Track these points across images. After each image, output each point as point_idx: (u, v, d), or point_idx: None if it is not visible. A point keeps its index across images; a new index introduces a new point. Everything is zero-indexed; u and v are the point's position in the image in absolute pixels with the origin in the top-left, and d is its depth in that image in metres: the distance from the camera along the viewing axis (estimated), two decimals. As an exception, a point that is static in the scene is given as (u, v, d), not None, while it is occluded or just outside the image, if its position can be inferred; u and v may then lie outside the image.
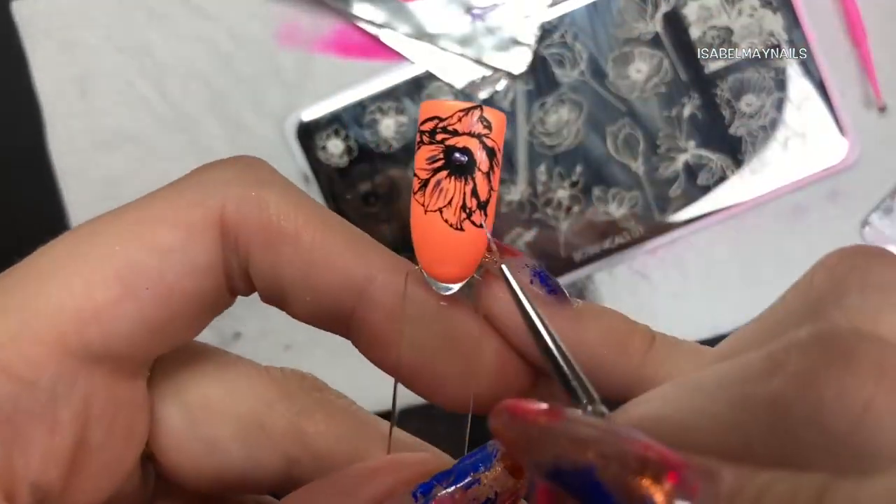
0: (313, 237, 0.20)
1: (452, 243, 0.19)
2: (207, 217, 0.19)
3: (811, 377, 0.13)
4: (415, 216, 0.20)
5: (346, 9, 0.44)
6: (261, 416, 0.21)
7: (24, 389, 0.18)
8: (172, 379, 0.21)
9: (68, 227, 0.45)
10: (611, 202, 0.43)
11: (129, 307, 0.19)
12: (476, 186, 0.19)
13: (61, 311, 0.18)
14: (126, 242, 0.19)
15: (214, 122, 0.45)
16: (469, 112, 0.19)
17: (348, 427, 0.22)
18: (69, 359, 0.18)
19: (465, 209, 0.19)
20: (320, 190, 0.44)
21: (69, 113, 0.45)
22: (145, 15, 0.45)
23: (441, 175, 0.19)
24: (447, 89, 0.43)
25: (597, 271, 0.44)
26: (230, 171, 0.20)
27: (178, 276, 0.19)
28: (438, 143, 0.19)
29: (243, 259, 0.20)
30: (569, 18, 0.43)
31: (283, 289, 0.20)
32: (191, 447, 0.21)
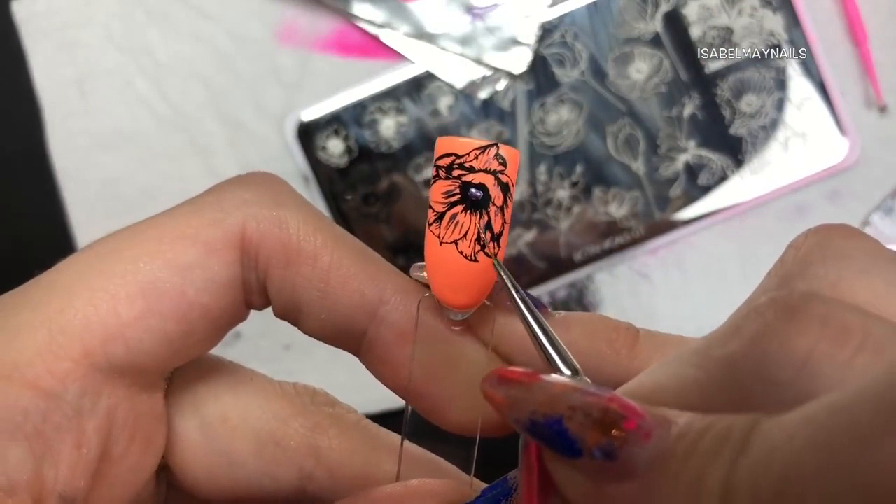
0: (331, 258, 0.20)
1: (466, 273, 0.20)
2: (228, 235, 0.20)
3: (760, 334, 0.15)
4: (430, 246, 0.20)
5: (345, 8, 0.44)
6: (277, 432, 0.22)
7: (53, 403, 0.19)
8: (190, 394, 0.22)
9: (68, 226, 0.45)
10: (611, 202, 0.43)
11: (151, 323, 0.19)
12: (490, 220, 0.20)
13: (87, 328, 0.19)
14: (149, 260, 0.19)
15: (214, 122, 0.45)
16: (485, 150, 0.19)
17: (360, 441, 0.22)
18: (94, 373, 0.19)
19: (480, 241, 0.20)
20: (320, 190, 0.44)
21: (69, 113, 0.45)
22: (145, 15, 0.45)
23: (457, 209, 0.20)
24: (447, 89, 0.43)
25: (597, 271, 0.44)
26: (250, 189, 0.21)
27: (199, 293, 0.20)
28: (455, 179, 0.19)
29: (261, 276, 0.21)
30: (569, 18, 0.43)
31: (299, 306, 0.21)
32: (208, 461, 0.22)
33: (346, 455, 0.22)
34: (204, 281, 0.20)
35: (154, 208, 0.48)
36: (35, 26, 0.45)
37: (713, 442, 0.13)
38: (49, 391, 0.18)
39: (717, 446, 0.13)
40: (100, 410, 0.19)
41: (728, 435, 0.13)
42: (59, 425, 0.19)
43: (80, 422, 0.19)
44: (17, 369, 0.18)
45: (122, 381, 0.20)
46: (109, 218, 0.45)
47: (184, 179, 0.45)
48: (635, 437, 0.14)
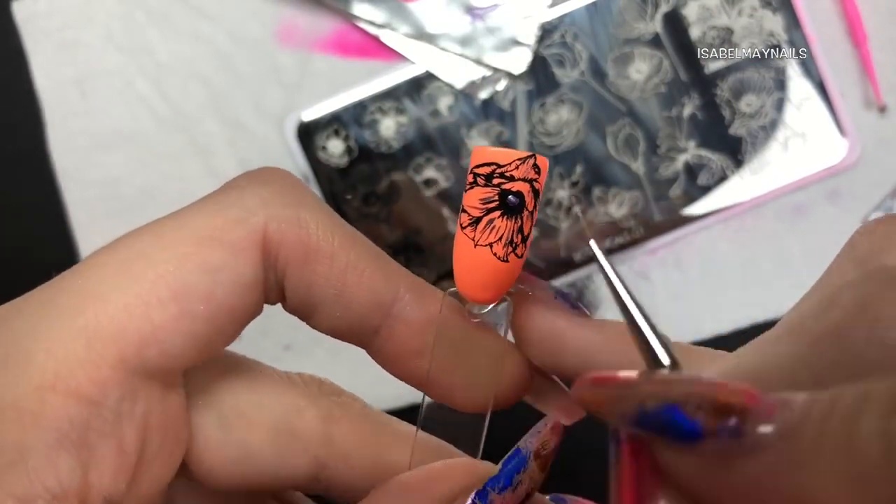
0: (348, 257, 0.21)
1: (497, 272, 0.21)
2: (252, 235, 0.21)
3: (866, 302, 0.15)
4: (462, 248, 0.22)
5: (345, 9, 0.44)
6: (292, 422, 0.23)
7: (95, 410, 0.19)
8: (206, 389, 0.23)
9: (68, 226, 0.45)
10: (611, 202, 0.43)
11: (182, 326, 0.20)
12: (522, 224, 0.21)
13: (123, 334, 0.19)
14: (179, 263, 0.20)
15: (214, 122, 0.45)
16: (525, 161, 0.21)
17: (369, 429, 0.23)
18: (130, 378, 0.20)
19: (512, 244, 0.21)
20: (320, 190, 0.44)
21: (69, 113, 0.45)
22: (145, 15, 0.45)
23: (494, 215, 0.21)
24: (447, 89, 0.43)
25: (597, 271, 0.44)
26: (269, 188, 0.21)
27: (227, 294, 0.20)
28: (494, 187, 0.21)
29: (280, 274, 0.21)
30: (569, 18, 0.43)
31: (314, 303, 0.22)
32: (225, 453, 0.22)
33: (357, 442, 0.23)
34: (231, 282, 0.20)
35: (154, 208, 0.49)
36: (35, 26, 0.45)
37: (855, 402, 0.13)
38: (91, 399, 0.19)
39: (860, 404, 0.13)
40: (137, 413, 0.20)
41: (869, 395, 0.13)
42: (102, 431, 0.19)
43: (120, 426, 0.20)
44: (59, 379, 0.19)
45: (154, 382, 0.20)
46: (110, 218, 0.45)
47: (184, 179, 0.45)
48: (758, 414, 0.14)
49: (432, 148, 0.43)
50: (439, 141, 0.43)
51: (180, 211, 0.21)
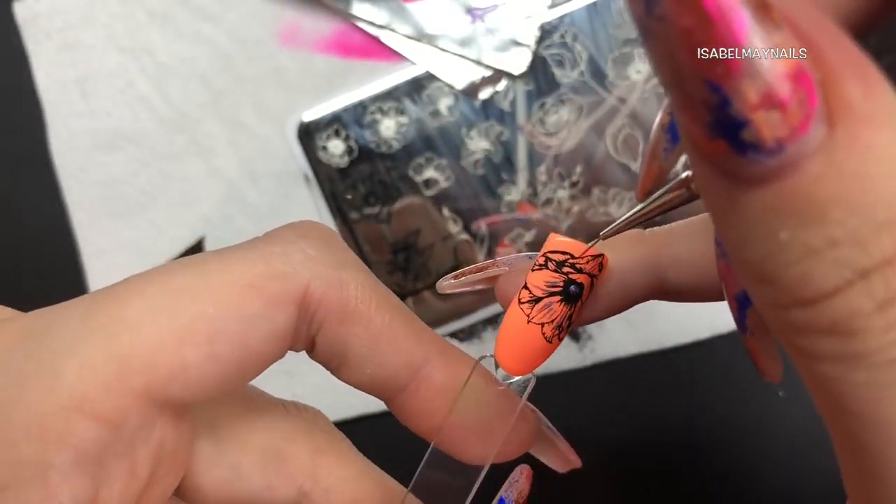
0: (383, 320, 0.22)
1: (539, 350, 0.23)
2: (293, 291, 0.21)
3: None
4: (515, 321, 0.23)
5: (346, 9, 0.44)
6: (282, 450, 0.24)
7: (115, 434, 0.20)
8: (208, 411, 0.23)
9: (70, 226, 0.45)
10: (611, 202, 0.43)
11: (212, 367, 0.20)
12: (573, 312, 0.23)
13: (154, 367, 0.20)
14: (218, 307, 0.20)
15: (215, 123, 0.45)
16: (595, 258, 0.23)
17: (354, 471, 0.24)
18: (152, 407, 0.20)
19: (560, 328, 0.23)
20: (321, 190, 0.44)
21: (70, 113, 0.45)
22: (146, 15, 0.45)
23: (554, 299, 0.23)
24: (447, 90, 0.44)
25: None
26: (314, 245, 0.22)
27: (259, 343, 0.21)
28: (563, 275, 0.23)
29: (314, 329, 0.22)
30: (568, 19, 0.43)
31: (345, 359, 0.23)
32: (217, 473, 0.23)
33: (340, 481, 0.24)
34: (265, 331, 0.21)
35: (155, 208, 0.49)
36: (37, 27, 0.45)
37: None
38: (113, 423, 0.19)
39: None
40: (153, 440, 0.21)
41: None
42: (118, 453, 0.20)
43: (134, 450, 0.20)
44: (87, 402, 0.19)
45: (170, 411, 0.21)
46: (111, 218, 0.45)
47: (185, 180, 0.45)
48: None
49: (432, 148, 0.44)
50: (439, 141, 0.44)
51: (226, 252, 0.22)
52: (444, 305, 0.44)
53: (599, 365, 0.44)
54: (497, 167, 0.43)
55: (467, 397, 0.23)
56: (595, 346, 0.44)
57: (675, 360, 0.44)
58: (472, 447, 0.24)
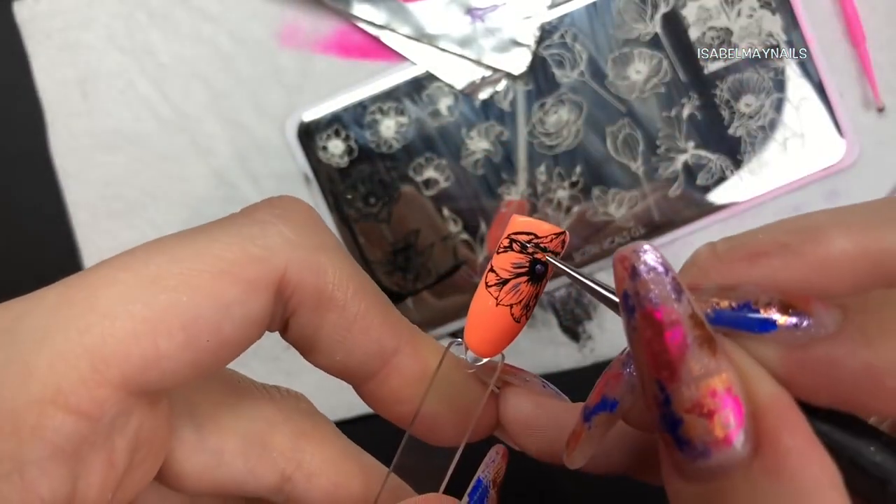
0: (358, 308, 0.22)
1: (507, 331, 0.23)
2: (269, 276, 0.21)
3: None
4: (482, 304, 0.23)
5: (346, 10, 0.44)
6: (264, 435, 0.24)
7: (91, 426, 0.19)
8: (188, 397, 0.23)
9: (70, 226, 0.45)
10: (611, 202, 0.43)
11: (187, 355, 0.20)
12: (539, 291, 0.23)
13: (128, 358, 0.19)
14: (192, 294, 0.20)
15: (215, 123, 0.45)
16: (559, 236, 0.23)
17: (336, 453, 0.24)
18: (128, 397, 0.20)
19: (527, 307, 0.23)
20: (321, 190, 0.44)
21: (70, 113, 0.45)
22: (146, 16, 0.45)
23: (521, 280, 0.23)
24: (447, 90, 0.44)
25: (597, 271, 0.44)
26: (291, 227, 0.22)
27: (234, 329, 0.21)
28: (528, 255, 0.23)
29: (289, 312, 0.22)
30: (568, 19, 0.43)
31: (317, 344, 0.22)
32: (199, 458, 0.23)
33: (322, 463, 0.24)
34: (241, 317, 0.21)
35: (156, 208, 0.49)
36: (37, 27, 0.45)
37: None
38: (89, 415, 0.19)
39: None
40: (130, 429, 0.20)
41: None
42: (95, 444, 0.20)
43: (112, 441, 0.20)
44: (60, 395, 0.19)
45: (146, 400, 0.21)
46: (111, 218, 0.45)
47: (185, 180, 0.45)
48: (819, 309, 0.17)
49: (432, 148, 0.44)
50: (439, 141, 0.44)
51: (198, 232, 0.21)
52: (444, 305, 0.44)
53: (599, 365, 0.44)
54: (497, 167, 0.43)
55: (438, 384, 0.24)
56: (595, 346, 0.44)
57: (675, 360, 0.44)
58: (445, 432, 0.24)
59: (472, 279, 0.43)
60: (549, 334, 0.44)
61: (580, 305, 0.44)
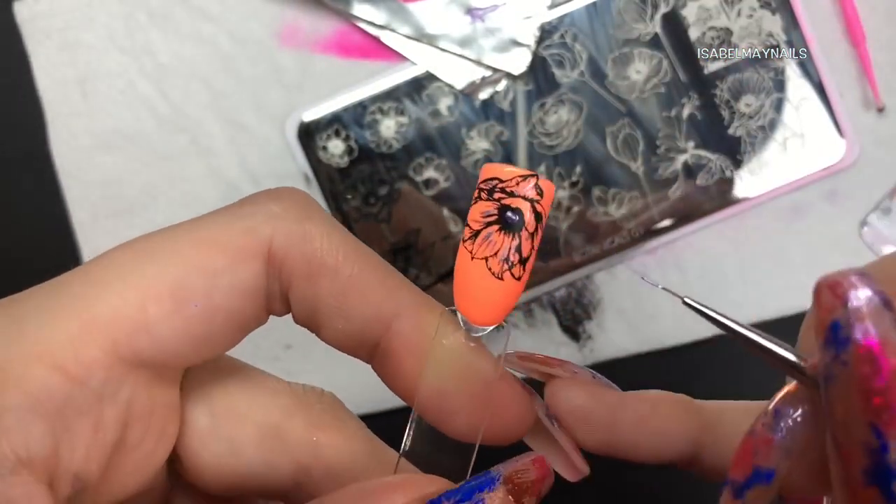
0: (351, 271, 0.22)
1: (491, 290, 0.21)
2: (256, 245, 0.21)
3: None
4: (461, 261, 0.22)
5: (346, 10, 0.44)
6: (279, 424, 0.23)
7: (76, 388, 0.20)
8: (202, 385, 0.23)
9: (70, 226, 0.45)
10: (611, 202, 0.43)
11: (177, 322, 0.20)
12: (521, 243, 0.21)
13: (116, 321, 0.20)
14: (181, 262, 0.21)
15: (215, 123, 0.45)
16: (526, 178, 0.21)
17: (358, 446, 0.24)
18: (118, 364, 0.20)
19: (508, 261, 0.21)
20: (321, 190, 0.44)
21: (70, 113, 0.45)
22: (147, 16, 0.45)
23: (492, 229, 0.21)
24: (447, 90, 0.44)
25: (597, 271, 0.44)
26: (279, 203, 0.22)
27: (224, 297, 0.21)
28: (495, 201, 0.21)
29: (284, 285, 0.22)
30: (568, 19, 0.43)
31: (318, 315, 0.22)
32: (214, 449, 0.23)
33: (343, 456, 0.23)
34: (230, 287, 0.21)
35: (156, 208, 0.49)
36: (37, 27, 0.45)
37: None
38: (75, 376, 0.19)
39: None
40: (120, 399, 0.20)
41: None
42: (81, 409, 0.20)
43: (100, 408, 0.20)
44: (47, 352, 0.19)
45: (143, 373, 0.21)
46: (111, 218, 0.45)
47: (185, 180, 0.45)
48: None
49: (432, 148, 0.44)
50: (439, 141, 0.44)
51: (195, 219, 0.22)
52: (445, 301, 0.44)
53: (599, 365, 0.44)
54: (497, 167, 0.43)
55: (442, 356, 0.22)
56: (595, 346, 0.44)
57: (675, 360, 0.44)
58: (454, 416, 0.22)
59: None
60: (549, 334, 0.44)
61: (580, 305, 0.44)
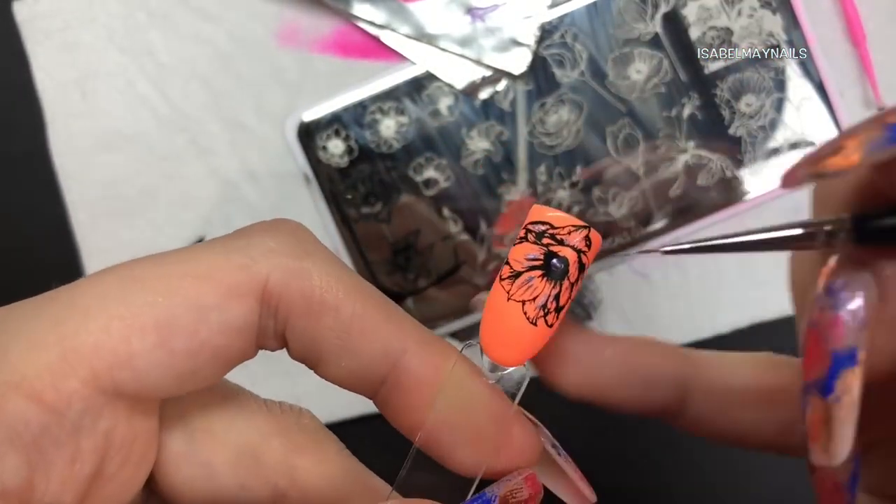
0: (353, 309, 0.21)
1: (522, 334, 0.21)
2: (251, 282, 0.20)
3: None
4: (495, 299, 0.21)
5: (346, 9, 0.44)
6: (256, 448, 0.23)
7: (54, 418, 0.19)
8: (180, 407, 0.23)
9: (69, 227, 0.45)
10: (611, 202, 0.43)
11: (161, 356, 0.20)
12: (560, 292, 0.21)
13: (98, 352, 0.19)
14: (169, 295, 0.20)
15: (215, 123, 0.45)
16: (579, 229, 0.21)
17: (336, 470, 0.23)
18: (98, 395, 0.19)
19: (545, 308, 0.21)
20: (320, 190, 0.44)
21: (70, 113, 0.45)
22: (146, 16, 0.45)
23: (535, 273, 0.21)
24: (447, 90, 0.44)
25: (597, 271, 0.44)
26: (277, 238, 0.21)
27: (212, 334, 0.20)
28: (543, 246, 0.21)
29: (280, 323, 0.21)
30: (569, 19, 0.43)
31: (319, 353, 0.22)
32: (189, 471, 0.22)
33: (321, 481, 0.23)
34: (219, 323, 0.20)
35: (155, 209, 0.49)
36: (36, 27, 0.45)
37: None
38: (52, 406, 0.19)
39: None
40: (98, 430, 0.20)
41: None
42: (57, 440, 0.19)
43: (77, 439, 0.20)
44: (25, 380, 0.19)
45: (123, 404, 0.20)
46: (111, 218, 0.45)
47: (185, 180, 0.45)
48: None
49: (432, 148, 0.44)
50: (439, 141, 0.44)
51: (187, 248, 0.21)
52: (445, 303, 0.44)
53: (599, 365, 0.44)
54: (497, 167, 0.43)
55: (451, 392, 0.22)
56: (595, 346, 0.44)
57: (676, 360, 0.44)
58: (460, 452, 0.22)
59: (472, 279, 0.43)
60: (550, 334, 0.44)
61: (580, 305, 0.44)
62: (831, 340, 0.17)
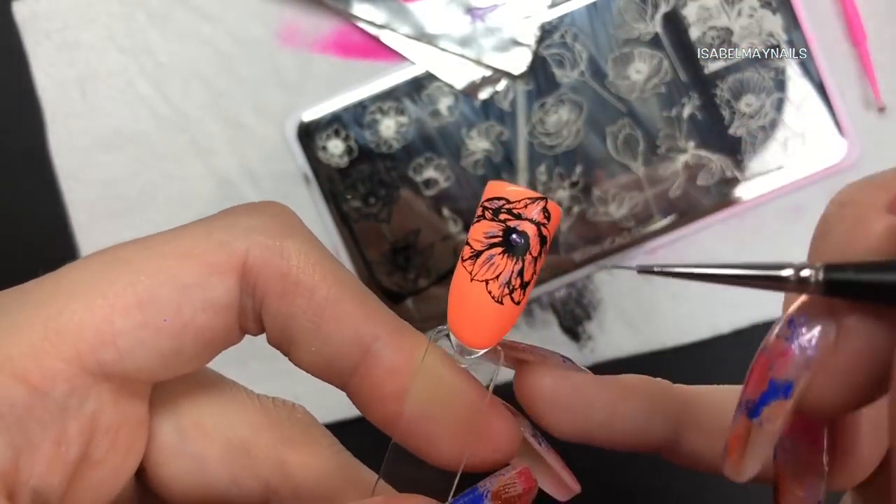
0: (328, 292, 0.21)
1: (489, 314, 0.20)
2: (230, 260, 0.20)
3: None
4: (459, 281, 0.21)
5: (346, 9, 0.44)
6: (247, 442, 0.23)
7: (39, 399, 0.19)
8: (170, 398, 0.23)
9: (69, 227, 0.45)
10: (611, 202, 0.43)
11: (145, 335, 0.20)
12: (524, 267, 0.20)
13: (81, 331, 0.19)
14: (151, 274, 0.20)
15: (215, 123, 0.45)
16: (535, 201, 0.20)
17: (330, 465, 0.23)
18: (83, 375, 0.19)
19: (509, 286, 0.20)
20: (320, 190, 0.44)
21: (70, 113, 0.45)
22: (146, 16, 0.45)
23: (495, 251, 0.20)
24: (447, 90, 0.44)
25: (596, 271, 0.44)
26: (259, 218, 0.21)
27: (195, 312, 0.20)
28: (500, 222, 0.20)
29: (258, 303, 0.21)
30: (569, 19, 0.43)
31: (292, 336, 0.21)
32: (180, 464, 0.22)
33: (312, 476, 0.23)
34: (201, 301, 0.20)
35: (155, 208, 0.49)
36: (36, 27, 0.45)
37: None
38: (37, 387, 0.19)
39: None
40: (84, 412, 0.20)
41: None
42: (42, 421, 0.19)
43: (63, 421, 0.20)
44: (9, 361, 0.19)
45: (109, 386, 0.20)
46: (110, 218, 0.45)
47: (185, 180, 0.45)
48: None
49: (432, 148, 0.44)
50: (439, 141, 0.44)
51: (170, 230, 0.21)
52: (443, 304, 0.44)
53: (599, 365, 0.44)
54: (497, 167, 0.43)
55: (424, 382, 0.21)
56: (595, 346, 0.44)
57: (675, 360, 0.44)
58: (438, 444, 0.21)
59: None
60: (549, 334, 0.44)
61: (580, 305, 0.44)
62: (775, 369, 0.17)
